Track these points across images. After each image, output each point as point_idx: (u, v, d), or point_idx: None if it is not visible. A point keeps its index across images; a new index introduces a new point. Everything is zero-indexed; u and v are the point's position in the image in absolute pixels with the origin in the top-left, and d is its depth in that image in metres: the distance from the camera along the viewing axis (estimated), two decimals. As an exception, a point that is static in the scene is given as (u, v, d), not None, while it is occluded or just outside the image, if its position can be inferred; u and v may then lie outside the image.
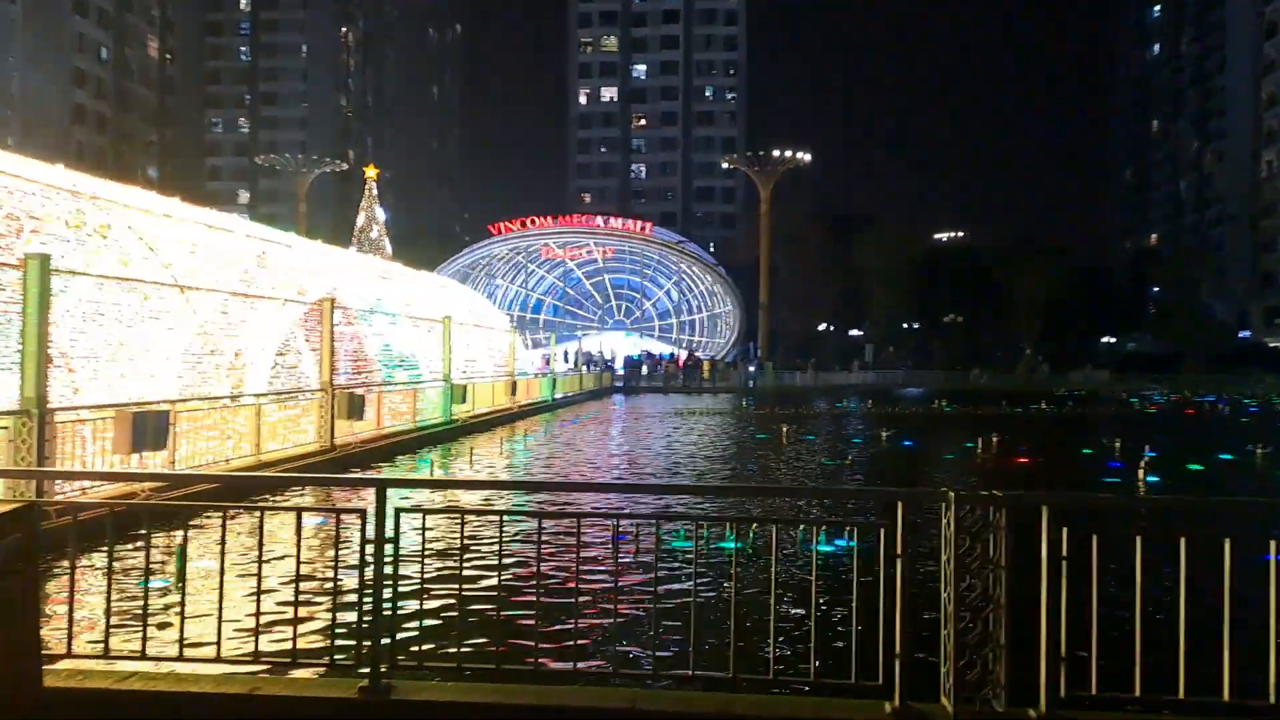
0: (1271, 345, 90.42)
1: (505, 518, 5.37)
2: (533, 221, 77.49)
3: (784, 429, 26.52)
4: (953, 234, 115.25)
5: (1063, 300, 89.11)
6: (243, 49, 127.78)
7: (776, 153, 74.37)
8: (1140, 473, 17.21)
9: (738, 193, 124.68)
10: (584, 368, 56.64)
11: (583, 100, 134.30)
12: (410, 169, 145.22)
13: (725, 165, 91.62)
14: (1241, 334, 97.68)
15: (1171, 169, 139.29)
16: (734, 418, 34.95)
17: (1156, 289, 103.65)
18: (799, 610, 7.70)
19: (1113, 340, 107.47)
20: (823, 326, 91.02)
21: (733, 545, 6.64)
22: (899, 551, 4.41)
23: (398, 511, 4.75)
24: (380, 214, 53.82)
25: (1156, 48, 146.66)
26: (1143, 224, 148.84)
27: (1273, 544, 4.39)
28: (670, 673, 5.39)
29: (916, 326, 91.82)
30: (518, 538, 10.00)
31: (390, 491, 4.78)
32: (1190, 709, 4.37)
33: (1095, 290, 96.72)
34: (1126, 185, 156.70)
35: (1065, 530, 4.33)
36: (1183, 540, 4.39)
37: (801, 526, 7.80)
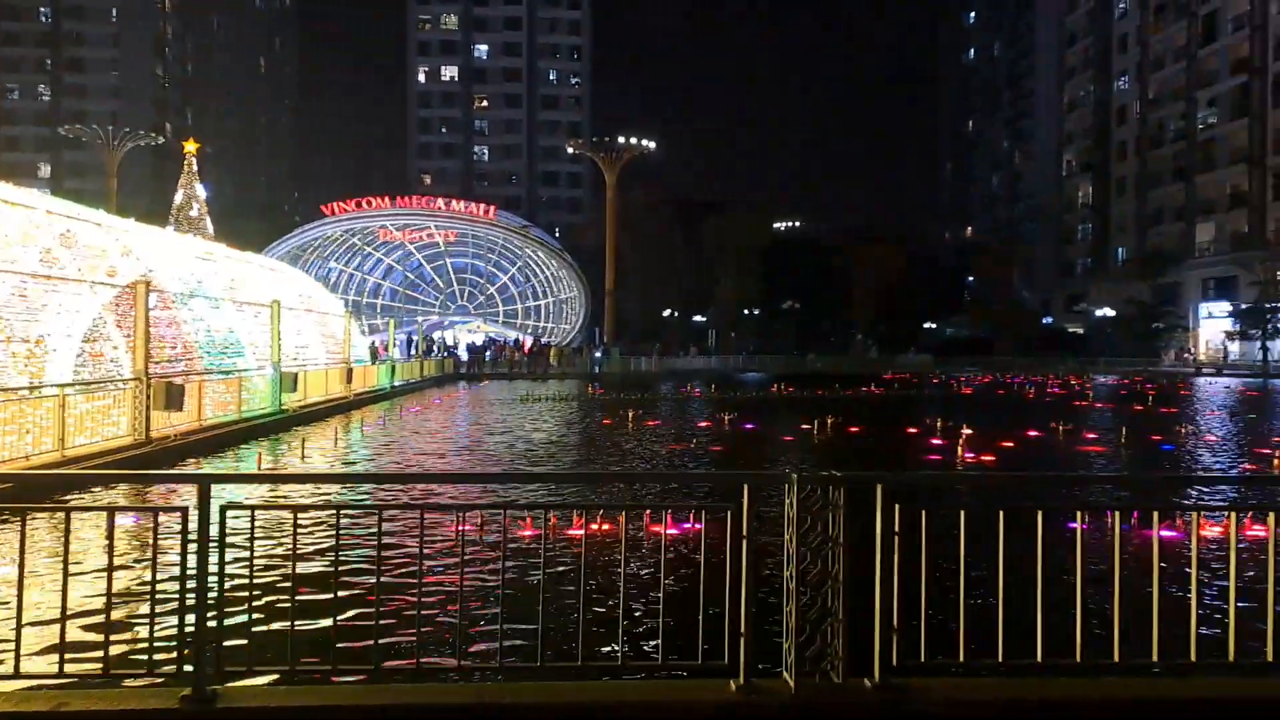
0: (1071, 330, 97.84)
1: (341, 512, 5.16)
2: (369, 202, 75.09)
3: (630, 414, 26.73)
4: (794, 223, 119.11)
5: (894, 287, 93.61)
6: (43, 9, 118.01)
7: (623, 139, 74.72)
8: (960, 449, 18.25)
9: (584, 177, 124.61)
10: (425, 354, 55.44)
11: (422, 79, 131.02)
12: (237, 144, 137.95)
13: (571, 150, 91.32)
14: (1046, 320, 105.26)
15: (988, 165, 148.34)
16: (580, 404, 34.99)
17: (973, 278, 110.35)
18: (649, 595, 7.75)
19: (934, 325, 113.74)
20: (669, 312, 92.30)
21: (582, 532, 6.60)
22: (744, 533, 4.48)
23: (223, 509, 4.49)
24: (201, 191, 50.88)
25: (974, 51, 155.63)
26: (963, 217, 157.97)
27: (1078, 514, 4.74)
28: (518, 665, 5.30)
29: (759, 312, 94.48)
30: (356, 533, 9.65)
31: (215, 488, 4.49)
32: (1008, 670, 4.64)
33: (922, 278, 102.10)
34: (948, 180, 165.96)
35: (897, 507, 4.49)
36: (1000, 513, 4.64)
37: (649, 512, 7.85)
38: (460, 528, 5.12)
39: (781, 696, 4.45)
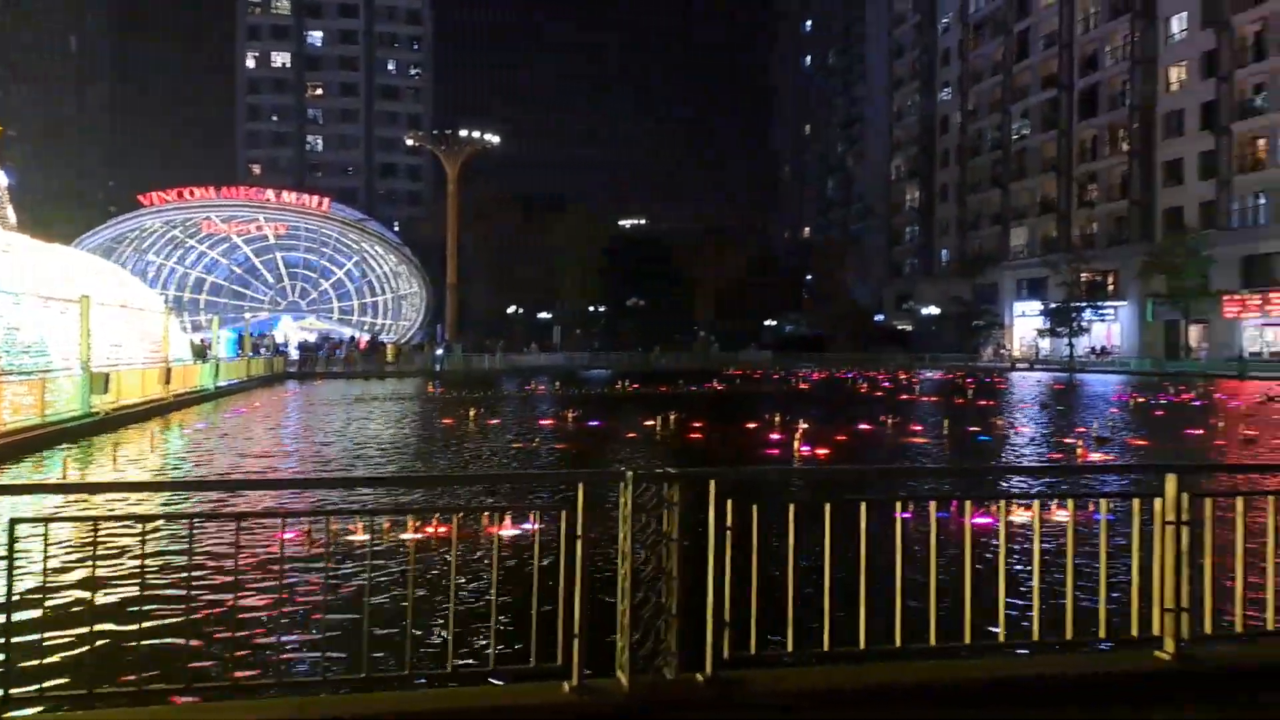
0: (901, 327, 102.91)
1: (150, 523, 4.80)
2: (192, 193, 71.06)
3: (471, 413, 26.29)
4: (640, 221, 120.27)
5: (735, 286, 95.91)
6: None
7: (465, 132, 73.40)
8: (796, 443, 18.82)
9: (425, 170, 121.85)
10: (255, 352, 52.97)
11: (251, 64, 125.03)
12: (44, 127, 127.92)
13: (411, 143, 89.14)
14: (878, 317, 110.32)
15: (824, 169, 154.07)
16: (419, 402, 34.20)
17: (811, 277, 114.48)
18: (483, 599, 7.60)
19: (774, 323, 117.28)
20: (513, 308, 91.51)
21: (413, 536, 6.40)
22: (578, 533, 4.43)
23: (13, 522, 4.10)
24: (2, 178, 46.94)
25: (810, 59, 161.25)
26: (801, 217, 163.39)
27: (897, 504, 4.92)
28: (342, 676, 5.07)
29: (604, 309, 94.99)
30: (168, 544, 9.07)
31: (5, 500, 4.09)
32: (834, 658, 4.75)
33: (762, 276, 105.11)
34: (788, 182, 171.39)
35: (730, 502, 4.53)
36: (827, 506, 4.73)
37: (486, 514, 7.70)
38: (282, 536, 4.85)
39: (615, 696, 4.43)
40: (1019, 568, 7.91)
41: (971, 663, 4.88)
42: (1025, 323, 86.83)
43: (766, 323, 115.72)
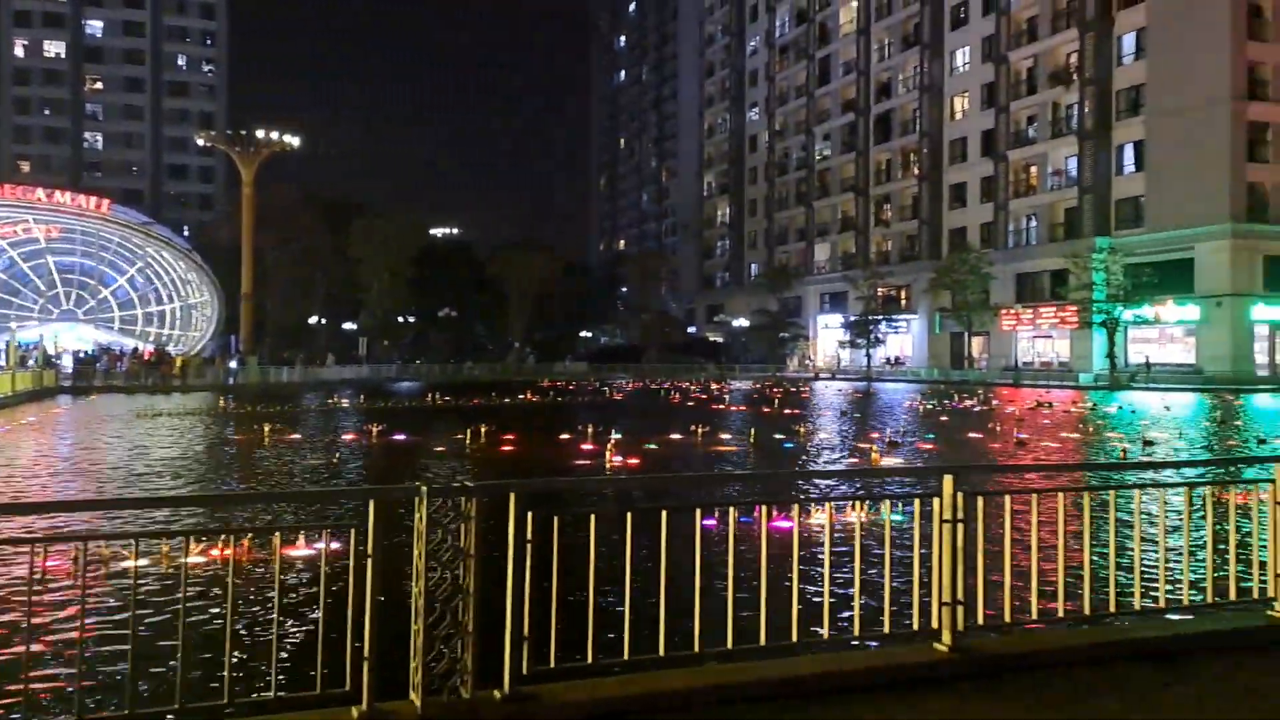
0: (713, 339, 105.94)
1: None
2: (-52, 191, 64.38)
3: (266, 429, 24.93)
4: (451, 230, 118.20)
5: (550, 296, 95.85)
6: None
7: (262, 133, 69.81)
8: (608, 454, 18.89)
9: (218, 172, 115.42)
10: (22, 365, 48.44)
11: (20, 52, 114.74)
12: None
13: (202, 142, 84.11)
14: (691, 329, 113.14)
15: (638, 181, 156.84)
16: (210, 418, 32.21)
17: (626, 288, 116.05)
18: (266, 624, 7.14)
19: (590, 334, 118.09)
20: (315, 319, 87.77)
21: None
22: (368, 552, 4.26)
23: None
24: None
25: (624, 73, 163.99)
26: (616, 229, 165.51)
27: (697, 511, 4.96)
28: (99, 716, 4.61)
29: (413, 320, 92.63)
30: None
31: None
32: (635, 666, 4.75)
33: (578, 288, 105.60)
34: (602, 193, 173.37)
35: (530, 514, 4.46)
36: (628, 515, 4.73)
37: (278, 534, 7.23)
38: (44, 564, 4.36)
39: (407, 719, 4.25)
40: (816, 569, 8.20)
41: (767, 663, 4.98)
42: (828, 334, 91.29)
43: (582, 334, 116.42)
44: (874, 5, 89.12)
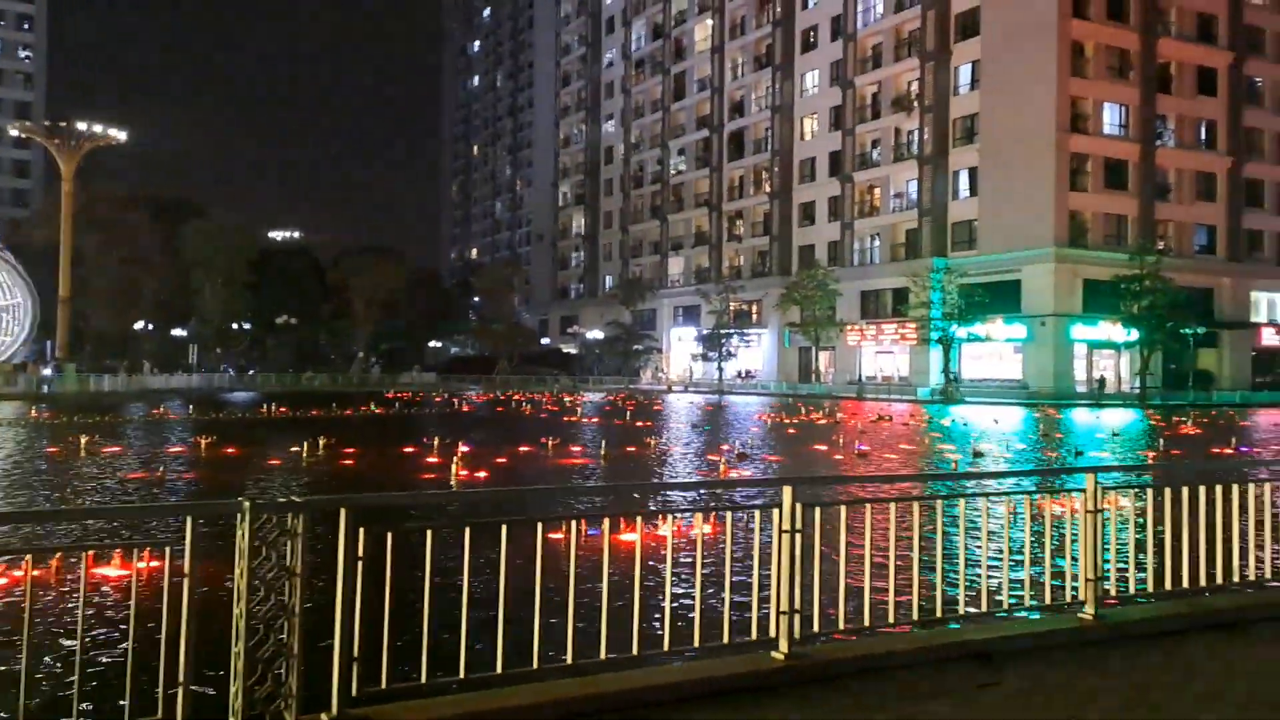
0: (566, 350, 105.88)
1: None
2: None
3: (83, 441, 23.24)
4: (292, 233, 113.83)
5: (398, 305, 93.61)
6: None
7: (84, 125, 65.39)
8: (455, 467, 18.46)
9: (35, 166, 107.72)
10: None
11: None
12: None
13: (16, 134, 78.22)
14: (544, 340, 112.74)
15: (491, 189, 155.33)
16: (20, 430, 29.90)
17: (478, 298, 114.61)
18: (71, 649, 6.61)
19: (440, 344, 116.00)
20: (142, 324, 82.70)
21: None
22: (185, 572, 4.09)
23: None
24: None
25: (477, 79, 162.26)
26: (469, 237, 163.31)
27: (539, 525, 4.88)
28: None
29: (250, 327, 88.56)
30: None
31: None
32: (471, 684, 4.65)
33: (427, 296, 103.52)
34: (454, 201, 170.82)
35: (362, 531, 4.35)
36: (466, 530, 4.65)
37: (89, 553, 6.71)
38: None
39: (225, 746, 4.04)
40: (661, 582, 8.21)
41: (606, 677, 4.94)
42: (681, 347, 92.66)
43: (432, 344, 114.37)
44: (728, 25, 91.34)
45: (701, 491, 13.76)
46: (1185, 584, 6.39)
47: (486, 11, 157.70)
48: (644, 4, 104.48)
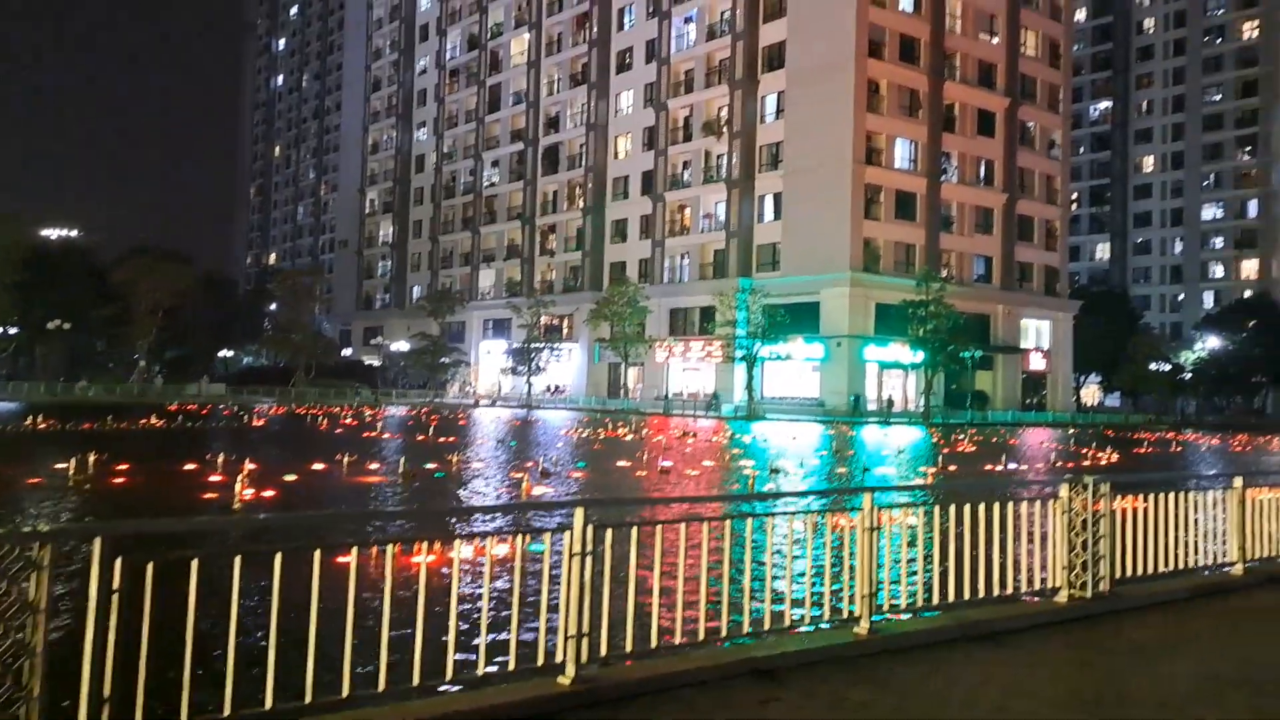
0: (369, 362, 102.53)
1: None
2: None
3: None
4: (68, 232, 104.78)
5: (185, 311, 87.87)
6: None
7: None
8: (239, 487, 17.35)
9: None
10: None
11: None
12: None
13: None
14: (346, 351, 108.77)
15: (294, 193, 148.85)
16: None
17: (275, 306, 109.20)
18: None
19: (232, 353, 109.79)
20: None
21: None
22: None
23: None
24: None
25: (282, 79, 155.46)
26: (267, 242, 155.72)
27: (317, 553, 4.65)
28: None
29: (15, 332, 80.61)
30: None
31: None
32: (274, 717, 4.44)
33: (219, 302, 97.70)
34: (253, 204, 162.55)
35: (120, 560, 4.09)
36: (238, 558, 4.41)
37: None
38: None
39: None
40: (441, 609, 8.01)
41: (379, 709, 4.76)
42: (490, 361, 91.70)
43: (223, 353, 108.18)
44: (544, 41, 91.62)
45: (496, 514, 13.56)
46: (951, 598, 6.84)
47: (294, 10, 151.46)
48: (459, 14, 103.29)
